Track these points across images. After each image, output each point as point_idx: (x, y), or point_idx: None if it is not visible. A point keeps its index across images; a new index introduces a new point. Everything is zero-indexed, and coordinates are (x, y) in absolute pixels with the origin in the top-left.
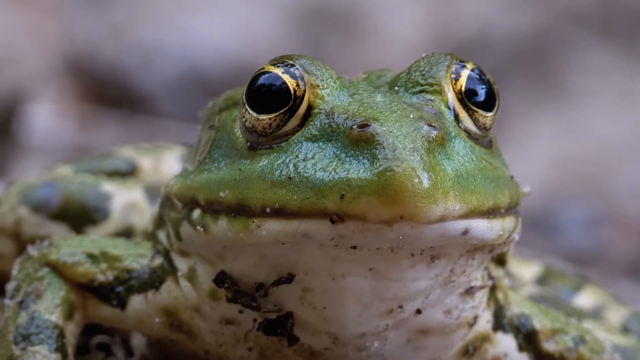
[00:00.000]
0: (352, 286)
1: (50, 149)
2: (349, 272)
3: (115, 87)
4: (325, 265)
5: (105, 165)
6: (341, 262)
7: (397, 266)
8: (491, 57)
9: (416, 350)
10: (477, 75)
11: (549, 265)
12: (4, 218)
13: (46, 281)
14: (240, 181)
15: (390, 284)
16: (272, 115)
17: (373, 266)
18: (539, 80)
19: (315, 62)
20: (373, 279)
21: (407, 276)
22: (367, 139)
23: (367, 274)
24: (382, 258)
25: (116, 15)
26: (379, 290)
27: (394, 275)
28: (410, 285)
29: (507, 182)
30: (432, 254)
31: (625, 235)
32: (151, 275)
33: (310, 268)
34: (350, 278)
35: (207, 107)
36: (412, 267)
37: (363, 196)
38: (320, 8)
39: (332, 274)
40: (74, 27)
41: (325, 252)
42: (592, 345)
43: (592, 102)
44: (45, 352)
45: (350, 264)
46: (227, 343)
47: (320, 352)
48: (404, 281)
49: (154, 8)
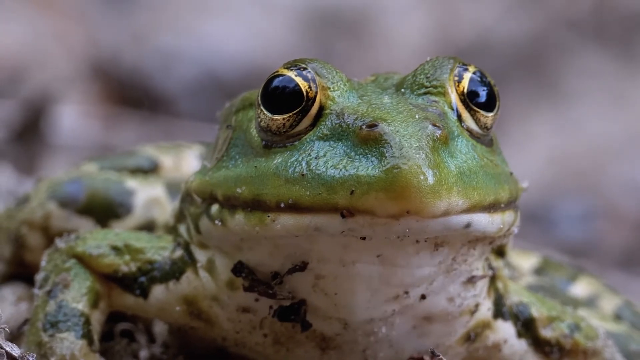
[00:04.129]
0: (361, 272)
1: (76, 147)
2: (359, 259)
3: (137, 89)
4: (337, 252)
5: (129, 163)
6: (351, 249)
7: (403, 253)
8: (491, 60)
9: (421, 336)
10: (479, 78)
11: (547, 256)
12: (33, 213)
13: (73, 272)
14: (256, 178)
15: (396, 270)
16: (286, 115)
17: (381, 253)
18: (536, 82)
19: (326, 66)
20: (381, 265)
21: (412, 262)
22: (375, 138)
23: (375, 261)
24: (389, 245)
25: (138, 22)
26: (386, 276)
27: (400, 261)
28: (415, 272)
29: (506, 178)
30: (436, 241)
31: (617, 228)
32: (172, 266)
33: (322, 256)
34: (359, 264)
35: (225, 108)
36: (417, 253)
37: (372, 192)
38: (330, 14)
39: (342, 261)
40: (98, 33)
41: (336, 241)
42: (586, 332)
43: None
44: (72, 339)
45: (360, 251)
46: (244, 330)
47: (332, 338)
48: (409, 267)
49: (173, 15)
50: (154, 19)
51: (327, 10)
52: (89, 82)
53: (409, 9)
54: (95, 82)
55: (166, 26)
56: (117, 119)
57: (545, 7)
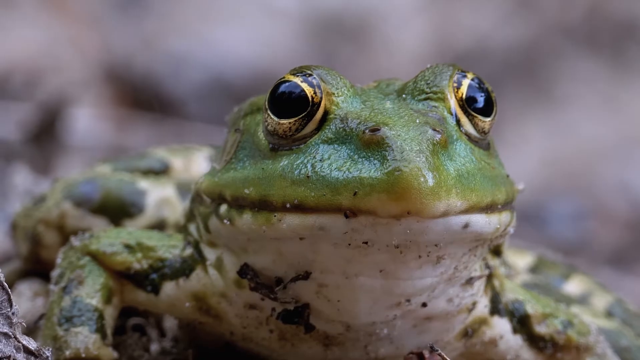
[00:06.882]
0: (364, 284)
1: (90, 149)
2: (361, 272)
3: (149, 93)
4: (340, 265)
5: (141, 165)
6: (354, 262)
7: (405, 267)
8: (487, 66)
9: (421, 333)
10: (477, 84)
11: (541, 255)
12: (49, 212)
13: (87, 269)
14: (263, 179)
15: (399, 282)
16: (292, 119)
17: (383, 268)
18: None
19: (331, 72)
20: (383, 279)
21: (415, 275)
22: (377, 142)
23: (378, 275)
24: (392, 260)
25: (149, 28)
26: (389, 288)
27: (402, 275)
28: (418, 283)
29: (503, 181)
30: (438, 254)
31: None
32: (182, 264)
33: (326, 267)
34: (362, 277)
35: (233, 112)
36: (419, 267)
37: (374, 193)
38: (334, 21)
39: (345, 273)
40: (111, 39)
41: (340, 252)
42: (579, 328)
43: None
44: (86, 333)
45: (363, 265)
46: (251, 325)
47: (335, 337)
48: (411, 280)
49: (183, 21)
50: (164, 26)
51: (331, 17)
52: (103, 85)
53: (409, 16)
54: (108, 85)
55: (176, 32)
56: (129, 121)
57: (539, 15)
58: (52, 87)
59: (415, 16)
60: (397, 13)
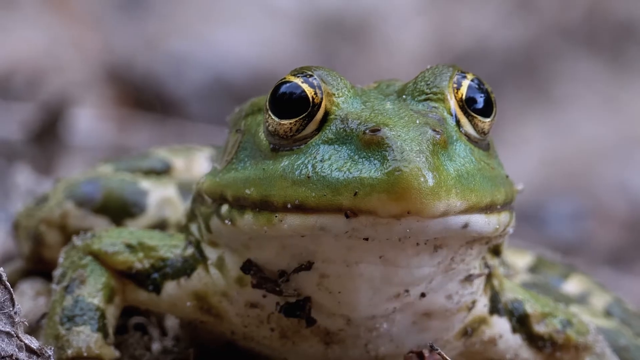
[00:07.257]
0: (364, 272)
1: (92, 149)
2: (362, 260)
3: (150, 93)
4: (341, 253)
5: (142, 165)
6: (355, 250)
7: (403, 254)
8: (487, 67)
9: (421, 331)
10: (477, 85)
11: (541, 255)
12: (51, 211)
13: (89, 268)
14: (264, 179)
15: (397, 270)
16: (293, 120)
17: (383, 254)
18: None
19: (331, 73)
20: (382, 266)
21: (413, 263)
22: (377, 142)
23: (378, 261)
24: (391, 247)
25: (150, 29)
26: (388, 276)
27: (401, 262)
28: (415, 271)
29: (502, 181)
30: (435, 244)
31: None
32: (184, 263)
33: (327, 256)
34: (362, 265)
35: (234, 113)
36: (417, 255)
37: (374, 193)
38: (334, 22)
39: (346, 261)
40: (112, 39)
41: (341, 242)
42: (578, 328)
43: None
44: (88, 332)
45: (363, 252)
46: (252, 324)
47: (335, 333)
48: (409, 267)
49: (184, 22)
50: (166, 26)
51: (331, 18)
52: (104, 86)
53: (409, 17)
54: (110, 86)
55: (178, 33)
56: (131, 121)
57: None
58: (54, 87)
59: (415, 16)
60: (397, 13)
